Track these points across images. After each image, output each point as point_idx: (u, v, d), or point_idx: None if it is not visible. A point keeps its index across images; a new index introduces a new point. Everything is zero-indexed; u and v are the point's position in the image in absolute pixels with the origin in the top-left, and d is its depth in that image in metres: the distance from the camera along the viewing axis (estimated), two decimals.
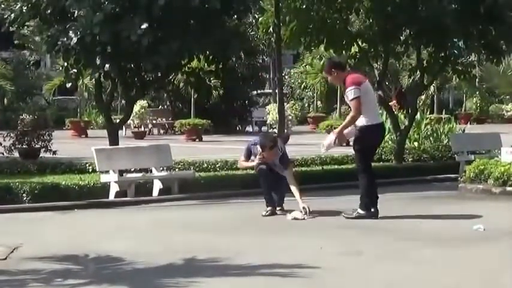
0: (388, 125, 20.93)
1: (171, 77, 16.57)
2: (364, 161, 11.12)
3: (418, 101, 23.84)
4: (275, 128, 26.56)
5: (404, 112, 24.24)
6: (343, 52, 18.32)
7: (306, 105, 47.63)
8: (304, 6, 17.04)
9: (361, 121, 10.86)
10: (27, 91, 44.44)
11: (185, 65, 15.17)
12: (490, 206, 12.64)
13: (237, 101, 39.64)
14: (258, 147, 11.67)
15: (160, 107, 40.61)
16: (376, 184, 11.20)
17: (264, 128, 36.15)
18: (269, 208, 11.54)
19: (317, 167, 16.90)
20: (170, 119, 36.89)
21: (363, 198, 10.99)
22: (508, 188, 13.63)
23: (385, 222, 10.85)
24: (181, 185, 14.14)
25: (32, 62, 46.45)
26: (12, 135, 18.74)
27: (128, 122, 25.17)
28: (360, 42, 17.87)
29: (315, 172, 16.14)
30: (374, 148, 11.64)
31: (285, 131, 19.73)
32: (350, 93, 10.80)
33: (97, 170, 13.95)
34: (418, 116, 20.79)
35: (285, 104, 25.39)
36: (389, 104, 22.05)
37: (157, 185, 13.97)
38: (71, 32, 13.53)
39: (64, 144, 22.19)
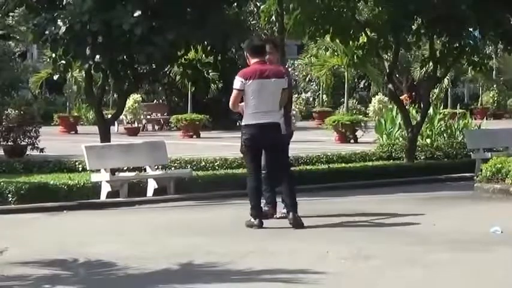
0: (398, 120, 21.03)
1: (166, 69, 16.59)
2: (249, 164, 10.91)
3: (430, 95, 23.84)
4: None
5: (416, 107, 24.26)
6: (351, 42, 18.34)
7: (311, 99, 47.67)
8: None
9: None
10: (12, 84, 44.47)
11: (181, 56, 15.17)
12: (508, 207, 12.65)
13: None
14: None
15: (155, 101, 40.63)
16: (261, 192, 10.80)
17: None
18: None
19: (323, 166, 16.91)
20: (166, 114, 36.91)
21: (250, 203, 10.76)
22: None
23: (395, 225, 10.88)
24: (178, 185, 14.15)
25: (17, 54, 46.44)
26: None
27: (121, 117, 25.19)
28: (368, 32, 17.85)
29: (321, 170, 16.16)
30: (256, 151, 10.78)
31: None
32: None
33: (87, 168, 13.97)
34: (431, 110, 20.79)
35: None
36: (400, 97, 22.08)
37: (151, 185, 13.98)
38: (59, 20, 13.53)
39: (52, 141, 22.20)
